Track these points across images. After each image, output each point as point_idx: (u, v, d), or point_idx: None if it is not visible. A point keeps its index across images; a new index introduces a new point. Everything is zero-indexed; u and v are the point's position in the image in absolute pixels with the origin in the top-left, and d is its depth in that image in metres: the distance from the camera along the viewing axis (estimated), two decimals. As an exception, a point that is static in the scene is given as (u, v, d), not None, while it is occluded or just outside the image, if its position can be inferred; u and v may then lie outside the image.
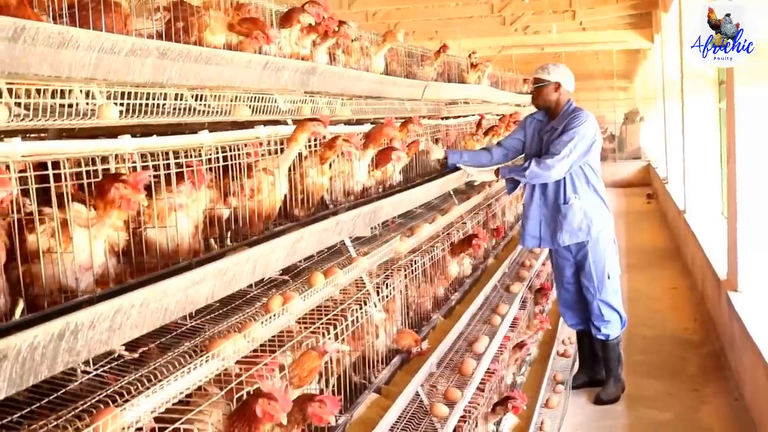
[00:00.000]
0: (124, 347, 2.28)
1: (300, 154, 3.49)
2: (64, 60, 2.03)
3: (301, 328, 2.98)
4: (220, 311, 2.89)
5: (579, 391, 6.05)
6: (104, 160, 2.42)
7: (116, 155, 2.44)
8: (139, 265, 2.36)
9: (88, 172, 2.19)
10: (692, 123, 10.50)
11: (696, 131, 10.43)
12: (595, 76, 26.69)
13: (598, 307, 5.65)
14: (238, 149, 3.07)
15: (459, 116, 6.97)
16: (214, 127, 3.25)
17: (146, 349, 2.36)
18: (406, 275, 4.19)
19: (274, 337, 2.87)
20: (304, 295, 2.88)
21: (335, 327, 3.13)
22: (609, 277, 5.61)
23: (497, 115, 8.55)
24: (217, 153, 2.99)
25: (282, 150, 3.28)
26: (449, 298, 4.94)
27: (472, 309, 4.83)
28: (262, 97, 3.65)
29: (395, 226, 4.92)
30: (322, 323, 3.12)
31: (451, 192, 6.02)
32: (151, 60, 2.55)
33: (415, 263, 4.27)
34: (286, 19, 3.88)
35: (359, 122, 4.81)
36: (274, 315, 2.67)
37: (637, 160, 23.31)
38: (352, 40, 4.98)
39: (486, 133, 6.85)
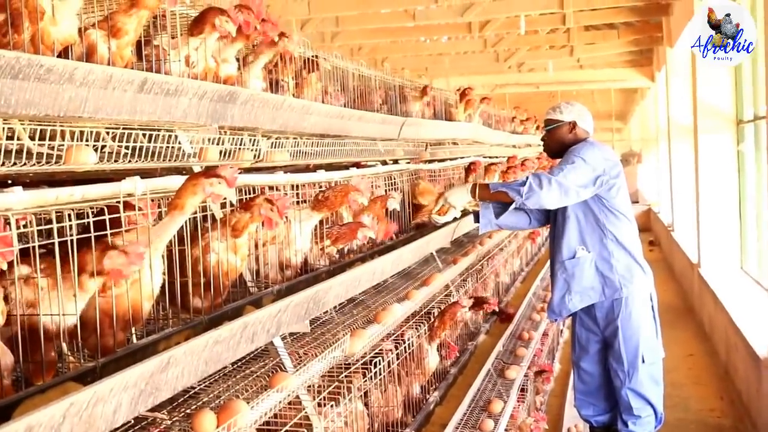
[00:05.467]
0: None
1: (201, 221, 2.42)
2: None
3: None
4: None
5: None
6: None
7: None
8: None
9: None
10: (707, 166, 9.40)
11: (711, 176, 9.33)
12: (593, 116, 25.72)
13: (626, 397, 4.39)
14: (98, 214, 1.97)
15: (444, 159, 5.85)
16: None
17: None
18: (368, 379, 3.03)
19: None
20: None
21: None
22: (644, 361, 4.39)
23: (491, 157, 7.44)
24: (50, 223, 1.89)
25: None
26: (427, 400, 3.77)
27: (457, 416, 3.66)
28: (152, 135, 2.53)
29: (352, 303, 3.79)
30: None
31: (434, 253, 4.88)
32: None
33: (380, 364, 3.10)
34: (197, 24, 2.79)
35: (315, 167, 3.75)
36: None
37: (635, 204, 22.23)
38: (305, 66, 3.95)
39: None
